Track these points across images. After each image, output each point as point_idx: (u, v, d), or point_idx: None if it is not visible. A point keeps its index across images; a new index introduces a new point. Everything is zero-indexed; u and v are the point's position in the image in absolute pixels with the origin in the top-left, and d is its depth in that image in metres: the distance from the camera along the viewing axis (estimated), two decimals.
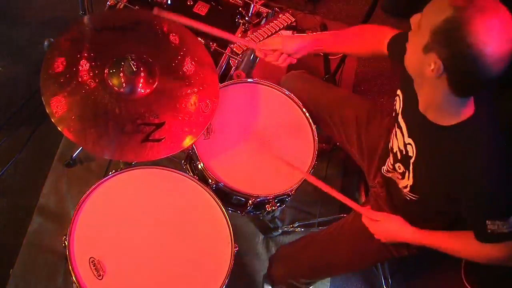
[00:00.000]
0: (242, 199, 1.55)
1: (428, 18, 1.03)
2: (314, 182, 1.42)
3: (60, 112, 1.35)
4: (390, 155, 1.40)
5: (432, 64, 1.03)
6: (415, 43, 1.08)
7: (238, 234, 1.46)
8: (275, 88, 1.74)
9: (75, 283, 1.29)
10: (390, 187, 1.51)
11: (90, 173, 2.07)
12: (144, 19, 1.57)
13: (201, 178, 1.55)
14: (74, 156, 2.05)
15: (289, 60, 1.51)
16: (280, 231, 2.12)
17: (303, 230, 2.12)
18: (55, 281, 1.83)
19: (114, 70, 1.43)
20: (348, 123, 1.68)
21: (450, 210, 1.33)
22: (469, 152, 1.13)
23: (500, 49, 0.96)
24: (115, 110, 1.40)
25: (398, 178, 1.38)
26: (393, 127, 1.39)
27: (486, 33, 0.95)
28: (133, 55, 1.42)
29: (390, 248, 1.53)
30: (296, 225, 2.12)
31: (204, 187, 1.51)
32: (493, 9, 0.97)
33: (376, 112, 1.68)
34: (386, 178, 1.49)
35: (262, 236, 2.13)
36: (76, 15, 2.02)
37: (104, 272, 1.31)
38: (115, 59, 1.45)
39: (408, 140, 1.28)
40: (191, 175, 1.54)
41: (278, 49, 1.49)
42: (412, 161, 1.27)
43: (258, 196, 1.53)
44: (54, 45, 1.46)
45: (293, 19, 1.86)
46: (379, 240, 1.46)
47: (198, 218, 1.47)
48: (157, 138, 1.39)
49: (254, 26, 1.88)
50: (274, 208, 1.60)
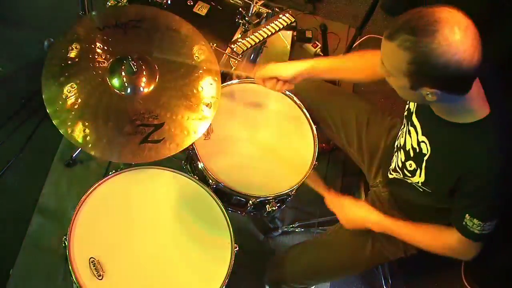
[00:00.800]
0: (242, 199, 1.55)
1: (392, 66, 1.10)
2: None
3: (60, 112, 1.35)
4: (400, 153, 1.40)
5: (428, 94, 1.09)
6: (400, 86, 1.14)
7: (238, 234, 1.46)
8: None
9: (75, 283, 1.29)
10: (393, 187, 1.51)
11: (90, 173, 2.07)
12: (147, 18, 1.57)
13: (201, 178, 1.55)
14: (74, 156, 2.05)
15: (287, 86, 1.54)
16: (280, 231, 2.12)
17: (303, 230, 2.12)
18: (55, 281, 1.83)
19: (114, 70, 1.43)
20: (348, 124, 1.68)
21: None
22: (481, 150, 1.15)
23: (466, 47, 1.00)
24: (114, 111, 1.40)
25: (406, 176, 1.38)
26: (405, 125, 1.40)
27: (449, 49, 0.99)
28: (133, 54, 1.42)
29: (385, 253, 1.53)
30: (296, 225, 2.12)
31: (204, 187, 1.51)
32: (436, 25, 1.00)
33: (376, 113, 1.69)
34: (389, 178, 1.49)
35: (262, 236, 2.13)
36: (76, 15, 2.02)
37: (104, 272, 1.31)
38: (115, 59, 1.45)
39: (422, 138, 1.29)
40: (191, 175, 1.54)
41: (275, 77, 1.51)
42: (425, 158, 1.28)
43: (258, 197, 1.53)
44: (55, 45, 1.46)
45: (293, 19, 1.85)
46: (375, 240, 1.46)
47: (198, 218, 1.47)
48: (156, 139, 1.39)
49: (254, 26, 1.88)
50: (274, 208, 1.60)
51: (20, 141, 2.07)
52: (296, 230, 2.13)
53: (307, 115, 1.69)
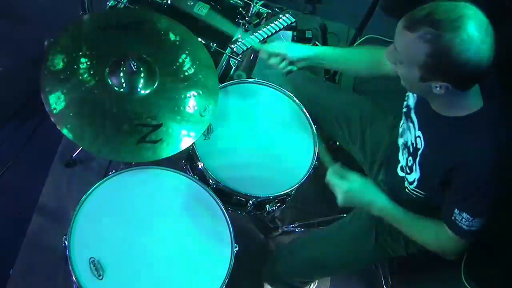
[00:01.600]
0: (242, 199, 1.55)
1: (407, 56, 1.09)
2: None
3: (60, 111, 1.35)
4: (405, 151, 1.40)
5: (436, 86, 1.09)
6: (408, 76, 1.14)
7: (238, 234, 1.46)
8: (275, 88, 1.74)
9: (75, 283, 1.29)
10: (394, 185, 1.51)
11: (90, 173, 2.07)
12: (148, 19, 1.57)
13: (201, 178, 1.55)
14: (74, 156, 2.05)
15: (290, 67, 1.53)
16: (280, 231, 2.12)
17: (303, 230, 2.12)
18: (55, 281, 1.83)
19: (114, 70, 1.43)
20: (352, 122, 1.69)
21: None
22: (474, 143, 1.15)
23: (487, 46, 1.01)
24: (113, 110, 1.40)
25: (407, 173, 1.39)
26: (404, 122, 1.41)
27: (471, 47, 1.00)
28: (133, 55, 1.42)
29: (387, 249, 1.53)
30: (296, 225, 2.12)
31: (204, 187, 1.51)
32: (461, 21, 1.00)
33: (380, 112, 1.69)
34: (391, 176, 1.49)
35: (262, 236, 2.13)
36: (76, 15, 2.02)
37: (104, 272, 1.31)
38: (115, 58, 1.45)
39: (418, 133, 1.30)
40: (191, 175, 1.54)
41: (282, 54, 1.50)
42: (419, 152, 1.28)
43: (258, 197, 1.53)
44: (55, 44, 1.46)
45: (293, 19, 1.85)
46: (377, 236, 1.45)
47: (198, 218, 1.47)
48: (154, 140, 1.39)
49: (254, 27, 1.88)
50: (274, 208, 1.60)
51: (20, 141, 2.07)
52: (296, 230, 2.13)
53: (307, 115, 1.69)
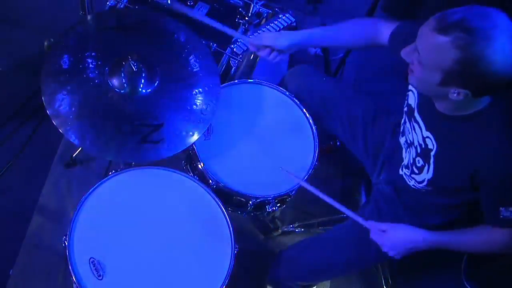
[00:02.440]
0: (242, 199, 1.55)
1: (432, 59, 1.06)
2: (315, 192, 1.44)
3: (60, 110, 1.35)
4: (412, 149, 1.40)
5: (454, 91, 1.07)
6: (426, 79, 1.11)
7: (238, 234, 1.46)
8: (275, 88, 1.74)
9: (75, 283, 1.29)
10: (397, 182, 1.51)
11: (90, 173, 2.06)
12: (149, 19, 1.58)
13: (202, 179, 1.55)
14: (74, 156, 2.05)
15: (280, 56, 1.51)
16: (280, 231, 2.12)
17: (303, 230, 2.12)
18: (55, 281, 1.83)
19: (115, 70, 1.43)
20: (355, 120, 1.68)
21: (463, 201, 1.33)
22: (487, 139, 1.14)
23: None
24: (114, 110, 1.40)
25: (413, 173, 1.38)
26: (406, 121, 1.40)
27: (502, 58, 0.99)
28: (134, 55, 1.42)
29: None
30: (296, 225, 2.12)
31: (204, 187, 1.51)
32: (495, 31, 0.99)
33: (382, 110, 1.69)
34: (393, 175, 1.49)
35: (262, 236, 2.13)
36: (76, 15, 2.02)
37: (104, 272, 1.31)
38: (116, 59, 1.45)
39: (427, 133, 1.28)
40: (191, 176, 1.54)
41: (270, 45, 1.49)
42: (433, 154, 1.27)
43: (258, 197, 1.53)
44: (55, 44, 1.46)
45: (293, 20, 1.86)
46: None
47: (198, 218, 1.47)
48: (155, 140, 1.39)
49: (255, 27, 1.88)
50: (274, 208, 1.60)
51: (20, 141, 2.07)
52: (296, 230, 2.12)
53: (307, 115, 1.69)
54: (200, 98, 1.49)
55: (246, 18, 1.90)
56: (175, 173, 1.52)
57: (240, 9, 1.92)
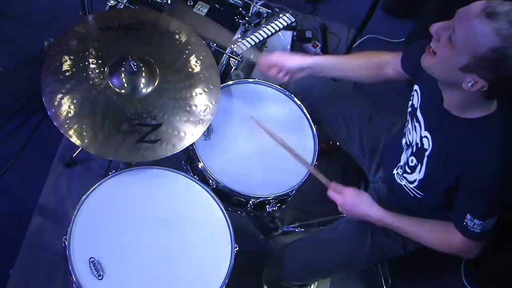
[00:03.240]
0: (242, 199, 1.55)
1: (468, 41, 1.03)
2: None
3: (59, 109, 1.35)
4: (407, 150, 1.40)
5: (472, 81, 1.06)
6: (450, 60, 1.08)
7: (238, 234, 1.46)
8: (275, 88, 1.74)
9: (75, 283, 1.29)
10: (393, 183, 1.51)
11: (90, 173, 2.07)
12: (149, 20, 1.58)
13: (201, 178, 1.55)
14: (74, 156, 2.05)
15: (289, 76, 1.54)
16: (280, 231, 2.12)
17: (303, 230, 2.12)
18: (55, 281, 1.83)
19: (114, 70, 1.43)
20: (350, 121, 1.69)
21: (446, 206, 1.33)
22: (482, 146, 1.14)
23: None
24: (113, 109, 1.40)
25: (405, 173, 1.38)
26: (409, 122, 1.40)
27: None
28: (134, 55, 1.42)
29: (384, 249, 1.53)
30: (296, 225, 2.12)
31: (204, 187, 1.51)
32: None
33: (378, 110, 1.70)
34: (392, 177, 1.49)
35: (262, 236, 2.13)
36: (76, 15, 2.02)
37: (104, 272, 1.31)
38: (116, 58, 1.45)
39: (425, 133, 1.29)
40: (191, 175, 1.54)
41: (280, 66, 1.51)
42: (427, 153, 1.27)
43: (258, 197, 1.53)
44: (55, 44, 1.46)
45: (293, 19, 1.85)
46: (375, 237, 1.46)
47: (198, 218, 1.47)
48: (153, 140, 1.39)
49: (254, 26, 1.88)
50: (274, 208, 1.60)
51: (20, 141, 2.07)
52: (296, 230, 2.13)
53: (307, 115, 1.69)
54: (200, 100, 1.49)
55: (246, 18, 1.90)
56: (175, 173, 1.52)
57: (240, 9, 1.92)
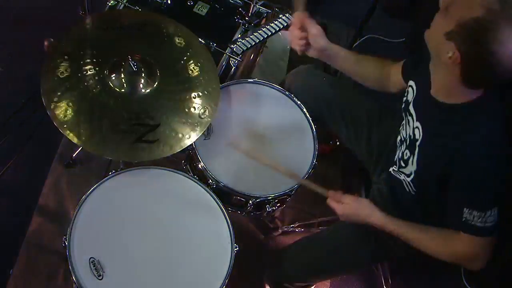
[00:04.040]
0: (242, 199, 1.55)
1: (458, 8, 1.05)
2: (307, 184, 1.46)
3: (59, 109, 1.36)
4: (400, 146, 1.40)
5: (450, 52, 1.06)
6: (439, 25, 1.10)
7: (238, 234, 1.46)
8: (275, 88, 1.74)
9: (75, 283, 1.29)
10: (394, 184, 1.51)
11: (90, 173, 2.07)
12: (149, 20, 1.58)
13: (201, 178, 1.55)
14: (74, 156, 2.05)
15: (306, 48, 1.50)
16: (280, 231, 2.12)
17: (303, 230, 2.12)
18: (55, 281, 1.83)
19: (114, 70, 1.43)
20: (359, 122, 1.68)
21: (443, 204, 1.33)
22: (470, 132, 1.13)
23: None
24: (111, 108, 1.40)
25: (401, 167, 1.38)
26: (403, 117, 1.40)
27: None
28: (134, 55, 1.42)
29: (387, 249, 1.52)
30: (296, 225, 2.12)
31: (204, 187, 1.51)
32: None
33: (387, 111, 1.69)
34: (392, 175, 1.49)
35: (262, 236, 2.13)
36: (76, 15, 2.02)
37: (104, 272, 1.31)
38: (116, 59, 1.45)
39: (416, 123, 1.29)
40: (191, 175, 1.54)
41: (312, 34, 1.46)
42: (418, 143, 1.27)
43: (258, 197, 1.53)
44: (55, 44, 1.46)
45: (293, 19, 1.85)
46: (377, 237, 1.46)
47: (198, 218, 1.47)
48: (150, 140, 1.39)
49: (254, 26, 1.88)
50: (274, 208, 1.60)
51: (20, 141, 2.07)
52: (296, 230, 2.13)
53: (307, 114, 1.69)
54: (199, 102, 1.49)
55: (246, 18, 1.90)
56: (175, 173, 1.52)
57: (240, 9, 1.92)
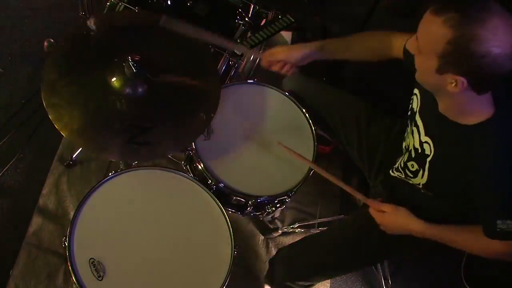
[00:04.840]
0: (242, 199, 1.55)
1: (427, 43, 1.06)
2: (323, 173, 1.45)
3: (59, 108, 1.36)
4: (405, 154, 1.40)
5: (452, 81, 1.06)
6: (425, 67, 1.11)
7: (238, 234, 1.46)
8: (275, 89, 1.74)
9: (75, 284, 1.29)
10: (393, 186, 1.51)
11: (90, 173, 2.07)
12: (149, 21, 1.57)
13: (201, 179, 1.55)
14: (74, 156, 2.05)
15: (294, 68, 1.52)
16: (280, 231, 2.12)
17: (303, 230, 2.12)
18: (55, 281, 1.83)
19: (114, 70, 1.43)
20: (348, 124, 1.68)
21: (461, 207, 1.33)
22: (487, 152, 1.14)
23: (510, 44, 0.99)
24: (107, 107, 1.40)
25: (408, 176, 1.38)
26: (408, 125, 1.40)
27: (494, 39, 0.98)
28: (134, 55, 1.42)
29: (391, 248, 1.52)
30: (296, 225, 2.12)
31: (204, 188, 1.51)
32: (488, 13, 0.99)
33: (376, 113, 1.69)
34: (390, 177, 1.49)
35: (262, 237, 2.13)
36: (76, 15, 2.02)
37: (104, 272, 1.31)
38: (116, 59, 1.45)
39: (425, 138, 1.28)
40: (191, 176, 1.54)
41: (282, 60, 1.50)
42: (429, 159, 1.27)
43: (258, 197, 1.53)
44: (55, 44, 1.46)
45: (293, 20, 1.85)
46: (382, 236, 1.45)
47: (198, 219, 1.47)
48: (142, 141, 1.39)
49: (254, 27, 1.88)
50: (274, 209, 1.60)
51: (20, 141, 2.07)
52: (296, 230, 2.13)
53: (307, 115, 1.69)
54: (196, 110, 1.48)
55: (246, 19, 1.90)
56: (175, 173, 1.52)
57: (240, 10, 1.92)
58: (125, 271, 1.34)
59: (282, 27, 1.82)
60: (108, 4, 1.85)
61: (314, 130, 1.67)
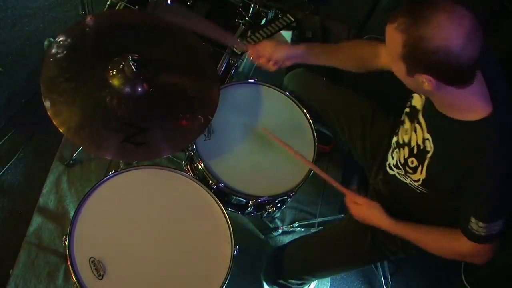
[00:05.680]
0: (242, 199, 1.55)
1: (391, 50, 1.11)
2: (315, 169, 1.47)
3: (59, 108, 1.36)
4: (404, 150, 1.40)
5: (424, 81, 1.10)
6: (399, 73, 1.16)
7: (238, 234, 1.46)
8: (275, 89, 1.74)
9: (75, 283, 1.29)
10: (393, 184, 1.51)
11: (90, 173, 2.07)
12: (149, 21, 1.59)
13: (202, 179, 1.55)
14: (74, 156, 2.05)
15: (278, 66, 1.54)
16: (280, 231, 2.12)
17: (303, 230, 2.12)
18: (55, 281, 1.83)
19: (114, 70, 1.43)
20: (353, 123, 1.69)
21: (452, 207, 1.33)
22: (482, 149, 1.15)
23: (458, 35, 1.02)
24: (105, 105, 1.40)
25: (408, 173, 1.39)
26: (404, 122, 1.41)
27: (440, 33, 1.02)
28: (133, 55, 1.42)
29: (383, 249, 1.53)
30: (296, 225, 2.12)
31: (204, 187, 1.51)
32: (432, 10, 1.03)
33: (380, 112, 1.70)
34: (389, 175, 1.49)
35: (262, 236, 2.13)
36: (76, 15, 2.02)
37: (104, 272, 1.31)
38: (115, 58, 1.45)
39: (427, 135, 1.29)
40: (191, 176, 1.54)
41: (267, 56, 1.52)
42: (429, 155, 1.28)
43: (258, 197, 1.53)
44: (55, 44, 1.46)
45: (293, 20, 1.86)
46: (374, 238, 1.46)
47: (198, 218, 1.47)
48: (138, 142, 1.39)
49: (254, 26, 1.88)
50: (274, 209, 1.60)
51: (20, 141, 2.07)
52: (296, 230, 2.13)
53: (307, 115, 1.69)
54: (193, 112, 1.48)
55: (246, 18, 1.90)
56: (175, 173, 1.52)
57: (240, 9, 1.92)
58: (125, 270, 1.34)
59: (282, 27, 1.83)
60: (108, 4, 1.85)
61: (314, 129, 1.67)
